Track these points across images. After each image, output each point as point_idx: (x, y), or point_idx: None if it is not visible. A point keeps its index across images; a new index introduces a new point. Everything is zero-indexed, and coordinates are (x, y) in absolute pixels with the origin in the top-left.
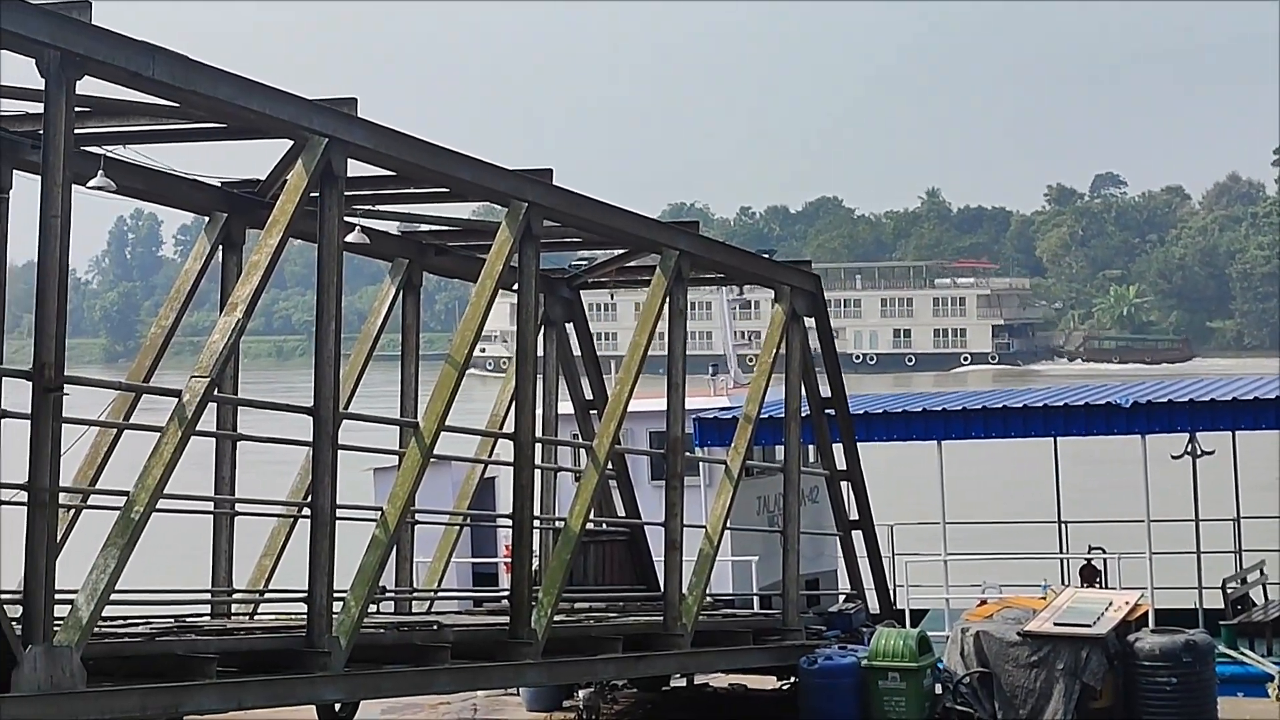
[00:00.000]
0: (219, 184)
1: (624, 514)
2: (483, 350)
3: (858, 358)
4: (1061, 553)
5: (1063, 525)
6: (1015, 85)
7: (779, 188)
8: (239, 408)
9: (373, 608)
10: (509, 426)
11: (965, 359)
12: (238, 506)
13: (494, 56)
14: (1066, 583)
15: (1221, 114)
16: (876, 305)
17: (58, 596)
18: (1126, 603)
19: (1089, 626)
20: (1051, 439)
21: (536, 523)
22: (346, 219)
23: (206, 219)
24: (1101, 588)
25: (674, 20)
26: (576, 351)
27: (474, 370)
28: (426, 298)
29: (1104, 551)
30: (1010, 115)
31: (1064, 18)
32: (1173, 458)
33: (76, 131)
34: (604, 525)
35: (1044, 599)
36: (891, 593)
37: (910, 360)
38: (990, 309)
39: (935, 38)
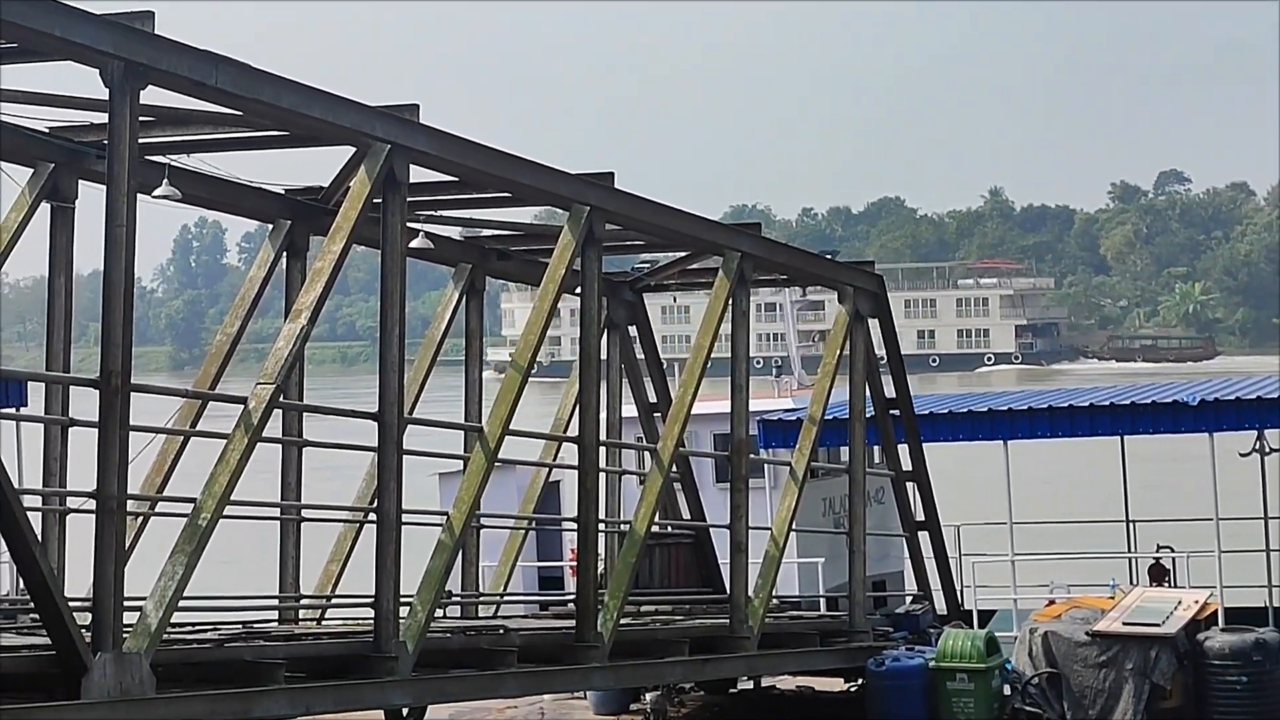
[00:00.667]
0: (282, 191)
1: (689, 517)
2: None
3: (881, 360)
4: (1130, 552)
5: (1130, 524)
6: (1078, 83)
7: (841, 188)
8: (304, 414)
9: (439, 612)
10: (573, 430)
11: (989, 359)
12: (304, 512)
13: (548, 58)
14: (1135, 582)
15: None
16: (900, 307)
17: (126, 603)
18: (1196, 601)
19: (1158, 626)
20: (1118, 438)
21: (602, 526)
22: (409, 225)
23: (270, 226)
24: (1170, 587)
25: (731, 19)
26: (639, 355)
27: (537, 378)
28: (489, 302)
29: (1172, 550)
30: (1073, 113)
31: (1127, 14)
32: (1241, 455)
33: (141, 141)
34: (669, 528)
35: (1112, 598)
36: (959, 593)
37: (934, 361)
38: (1014, 309)
39: (997, 35)
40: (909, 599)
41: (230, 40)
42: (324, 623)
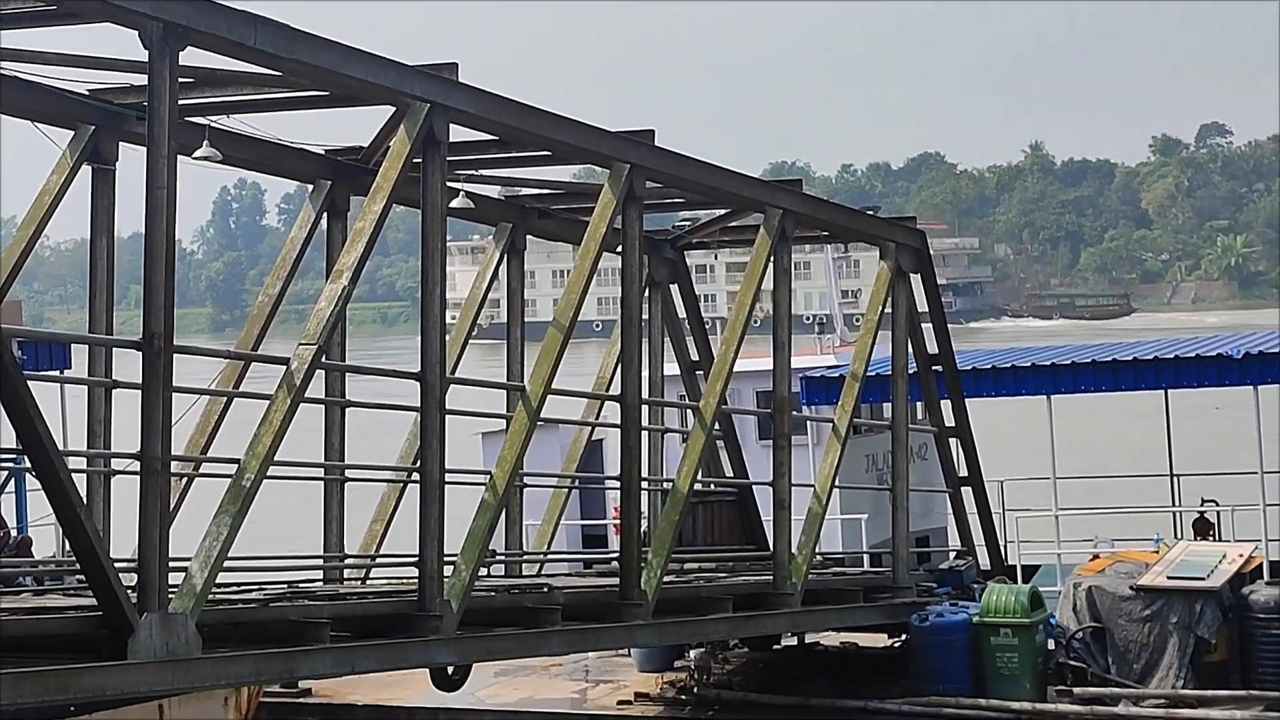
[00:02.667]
0: (322, 152)
1: (732, 474)
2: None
3: (808, 319)
4: (1174, 506)
5: (1174, 478)
6: (1118, 36)
7: (880, 144)
8: (346, 375)
9: (483, 571)
10: (615, 389)
11: (857, 321)
12: (348, 473)
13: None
14: (1179, 536)
15: None
16: (826, 267)
17: (171, 564)
18: (1240, 555)
19: (1203, 580)
20: (1162, 391)
21: (645, 484)
22: (449, 184)
23: (310, 187)
24: (1215, 540)
25: None
26: (681, 313)
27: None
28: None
29: (1217, 504)
30: (1113, 66)
31: None
32: None
33: (180, 102)
34: (712, 486)
35: (1156, 553)
36: (1002, 548)
37: (858, 321)
38: (938, 269)
39: None
40: (952, 555)
41: (268, 2)
42: (368, 582)
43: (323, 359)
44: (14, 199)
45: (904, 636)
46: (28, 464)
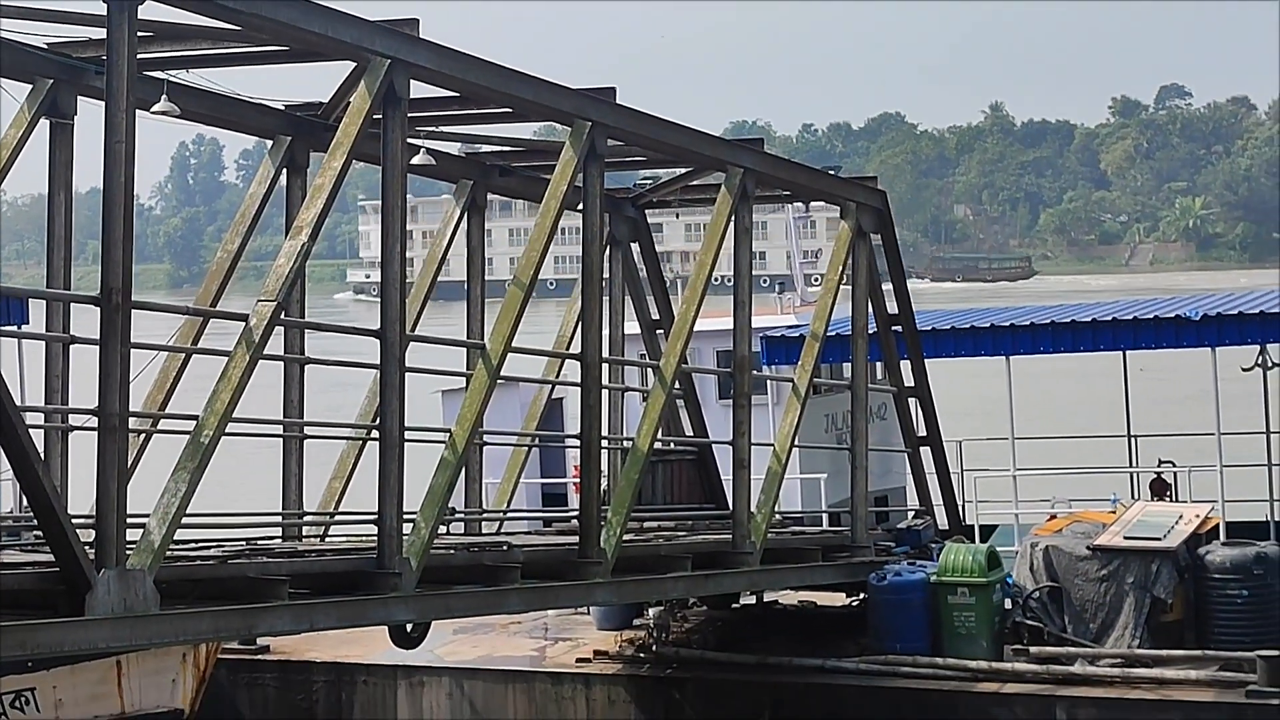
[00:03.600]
0: (282, 107)
1: (692, 433)
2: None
3: (764, 281)
4: (1131, 466)
5: (1132, 439)
6: None
7: (841, 104)
8: (306, 331)
9: (443, 529)
10: (576, 347)
11: (815, 280)
12: (307, 430)
13: None
14: (1136, 496)
15: None
16: (787, 227)
17: (130, 521)
18: (1197, 516)
19: (1159, 540)
20: (1120, 353)
21: (605, 443)
22: (410, 141)
23: (270, 143)
24: (1172, 501)
25: None
26: (642, 272)
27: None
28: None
29: (1174, 465)
30: (1074, 27)
31: None
32: (1243, 370)
33: (139, 56)
34: (672, 445)
35: (1113, 513)
36: (960, 508)
37: (765, 282)
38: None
39: None
40: (911, 514)
41: None
42: (327, 540)
43: (282, 315)
44: None
45: (862, 595)
46: None
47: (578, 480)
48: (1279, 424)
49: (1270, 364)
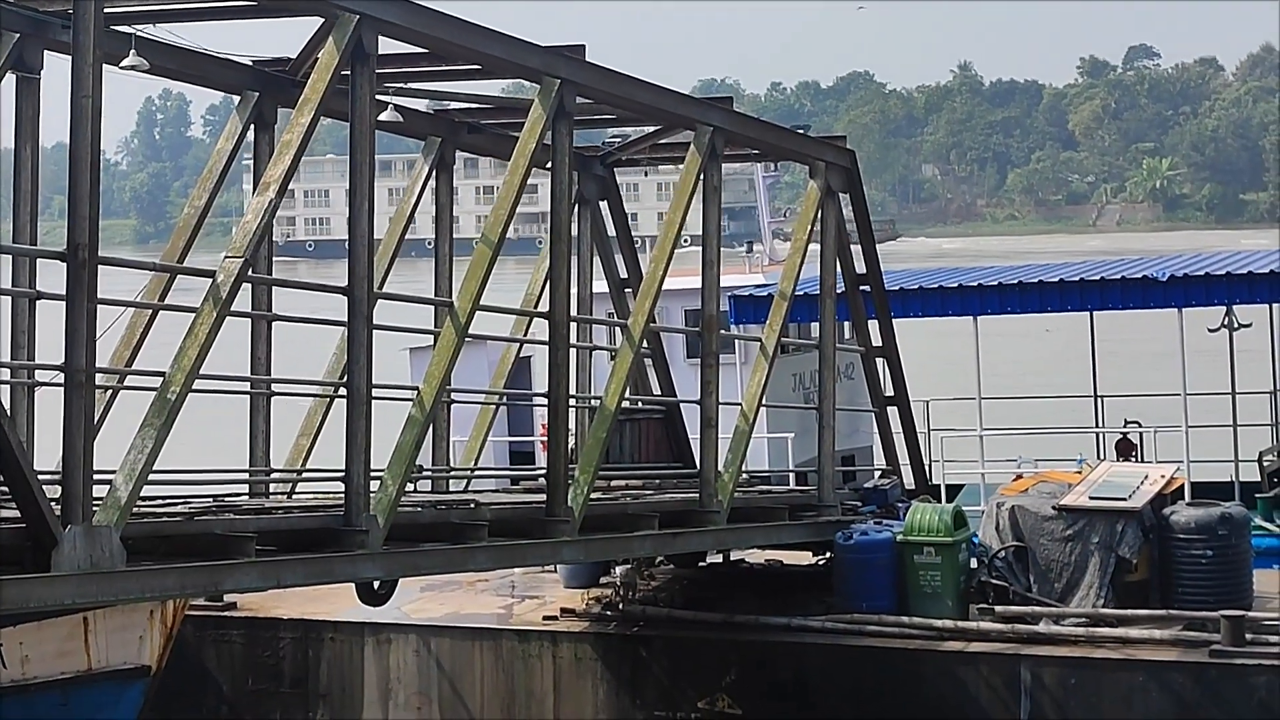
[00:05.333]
0: (250, 63)
1: (659, 392)
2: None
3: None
4: (1097, 427)
5: (1098, 399)
6: None
7: (810, 63)
8: (274, 288)
9: (410, 486)
10: (544, 306)
11: (685, 240)
12: (274, 387)
13: None
14: (1102, 457)
15: None
16: (653, 190)
17: (96, 477)
18: (1162, 476)
19: (1124, 500)
20: (1088, 313)
21: (572, 401)
22: (378, 97)
23: (237, 99)
24: (1137, 461)
25: None
26: (611, 230)
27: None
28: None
29: (1140, 425)
30: None
31: None
32: (1210, 331)
33: (107, 10)
34: (639, 403)
35: (1079, 473)
36: (927, 468)
37: (687, 241)
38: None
39: None
40: (878, 474)
41: None
42: (294, 497)
43: (249, 272)
44: None
45: (828, 554)
46: None
47: (545, 439)
48: (1244, 385)
49: (1236, 325)
